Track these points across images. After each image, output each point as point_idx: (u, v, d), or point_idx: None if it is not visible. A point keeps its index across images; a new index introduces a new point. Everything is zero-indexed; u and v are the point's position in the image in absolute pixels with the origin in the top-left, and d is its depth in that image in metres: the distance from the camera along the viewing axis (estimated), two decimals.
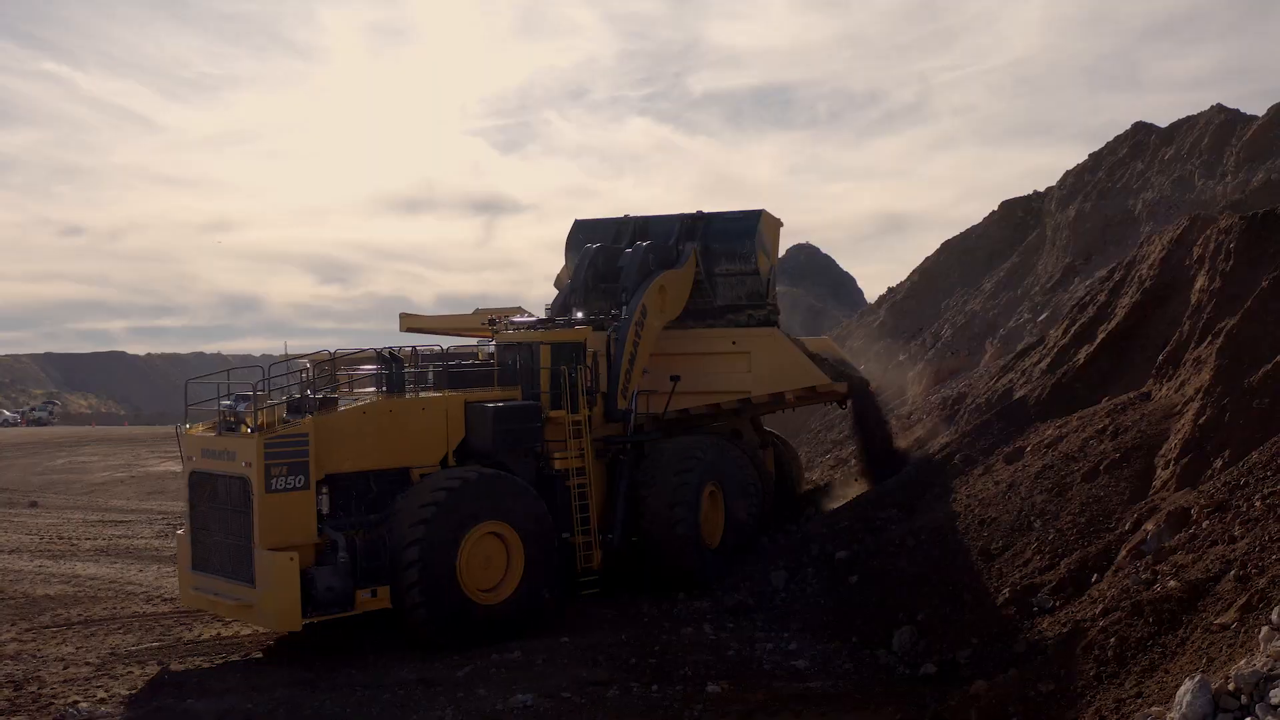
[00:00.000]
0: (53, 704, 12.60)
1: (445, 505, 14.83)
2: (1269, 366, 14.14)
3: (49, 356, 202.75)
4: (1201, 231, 18.48)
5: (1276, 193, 20.94)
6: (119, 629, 16.25)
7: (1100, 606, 11.55)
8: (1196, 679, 4.63)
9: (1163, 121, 32.07)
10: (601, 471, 17.93)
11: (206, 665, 14.44)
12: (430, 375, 17.15)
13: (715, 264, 20.62)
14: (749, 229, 20.55)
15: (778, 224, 21.48)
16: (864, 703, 11.57)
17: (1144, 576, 11.66)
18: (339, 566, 14.47)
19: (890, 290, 41.51)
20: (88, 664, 14.54)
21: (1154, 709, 5.74)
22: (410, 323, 21.63)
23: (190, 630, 16.24)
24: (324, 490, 14.84)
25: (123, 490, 36.75)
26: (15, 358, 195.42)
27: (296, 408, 15.33)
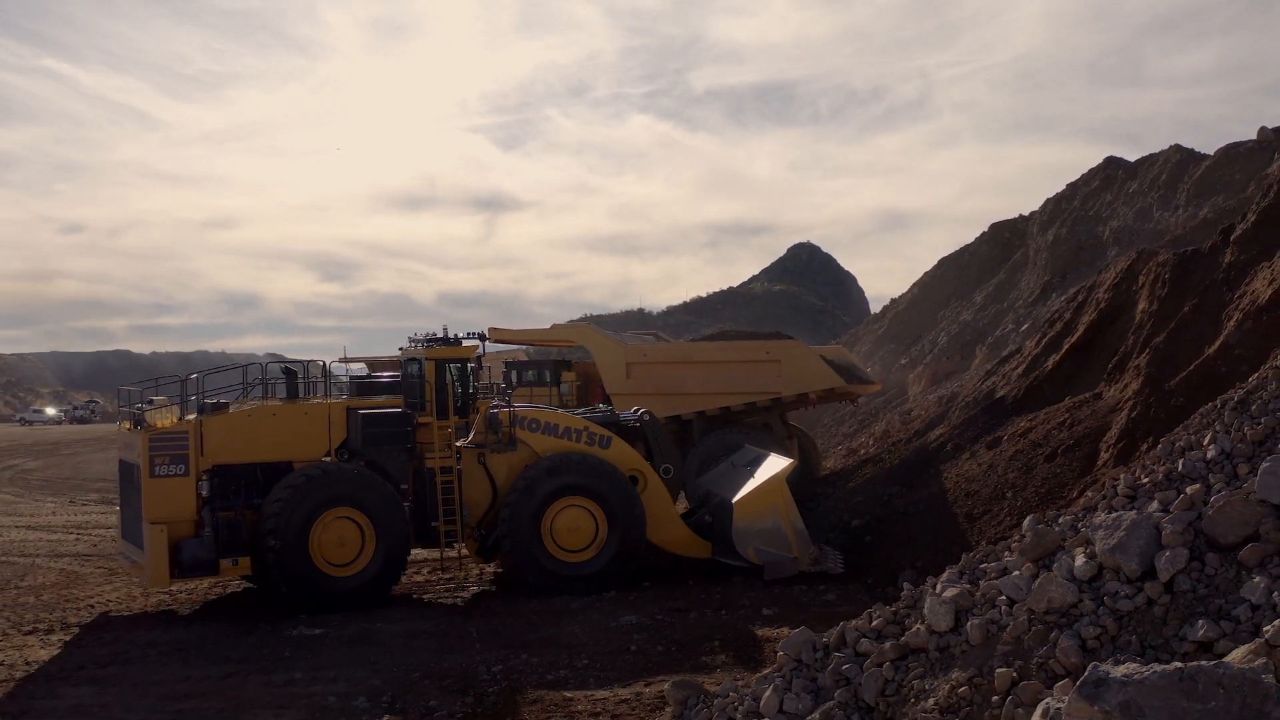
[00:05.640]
0: (281, 625, 17.00)
1: (295, 497, 17.37)
2: (1184, 374, 18.48)
3: (54, 355, 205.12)
4: (1145, 264, 22.80)
5: (1214, 227, 25.26)
6: None
7: None
8: (1031, 517, 8.72)
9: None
10: (481, 474, 19.04)
11: None
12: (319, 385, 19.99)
13: None
14: None
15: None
16: None
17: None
18: (204, 539, 17.39)
19: (893, 301, 46.13)
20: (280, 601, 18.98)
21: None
22: (498, 335, 26.08)
23: None
24: (210, 477, 17.59)
25: None
26: (21, 356, 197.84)
27: (211, 409, 18.35)
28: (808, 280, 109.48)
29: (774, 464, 19.82)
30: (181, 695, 13.35)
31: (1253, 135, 31.02)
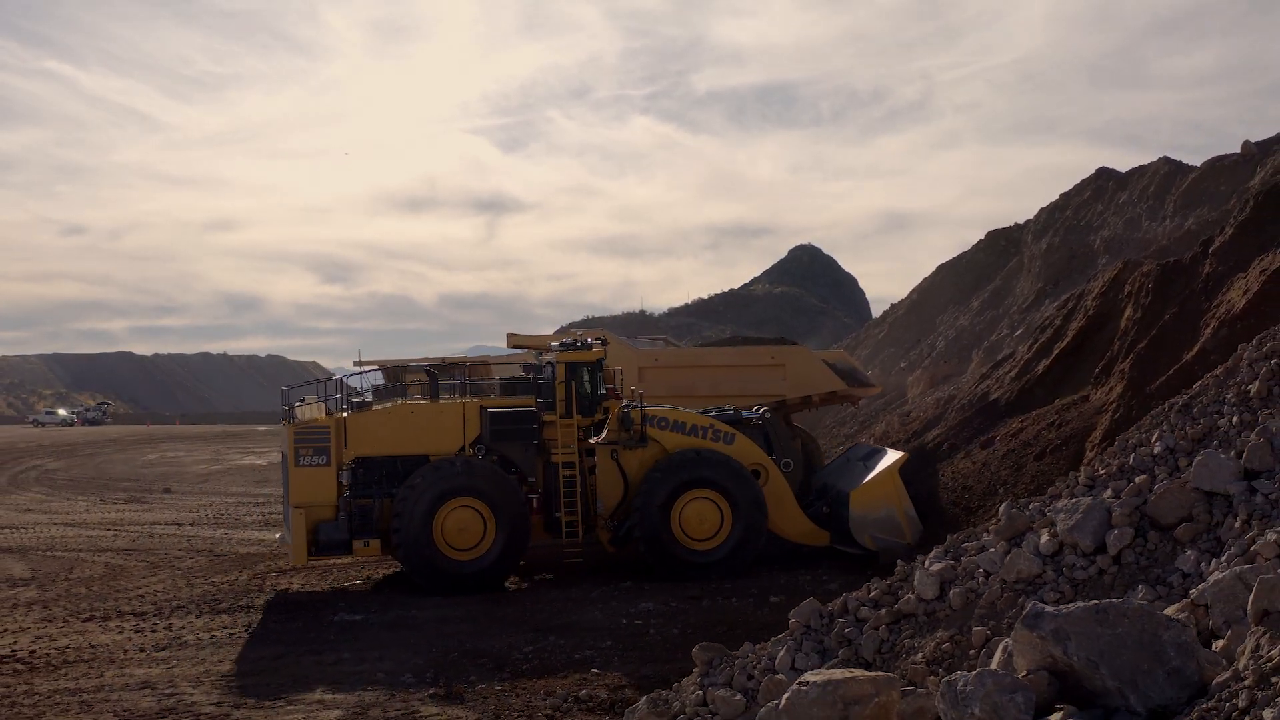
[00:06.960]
0: (321, 613, 18.28)
1: (421, 487, 18.90)
2: (1163, 378, 19.76)
3: (56, 357, 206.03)
4: (1131, 274, 24.12)
5: (1198, 238, 26.54)
6: (314, 572, 21.85)
7: None
8: (1007, 501, 10.06)
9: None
10: (614, 469, 20.41)
11: (407, 588, 20.13)
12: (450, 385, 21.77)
13: None
14: None
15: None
16: None
17: None
18: (339, 523, 19.10)
19: (893, 306, 47.52)
20: (318, 591, 20.32)
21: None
22: (515, 340, 27.42)
23: (376, 572, 21.96)
24: (353, 468, 19.29)
25: (231, 480, 41.88)
26: (24, 358, 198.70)
27: (355, 406, 20.23)
28: (809, 282, 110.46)
29: (888, 458, 21.24)
30: (242, 673, 14.61)
31: (1253, 136, 32.31)
